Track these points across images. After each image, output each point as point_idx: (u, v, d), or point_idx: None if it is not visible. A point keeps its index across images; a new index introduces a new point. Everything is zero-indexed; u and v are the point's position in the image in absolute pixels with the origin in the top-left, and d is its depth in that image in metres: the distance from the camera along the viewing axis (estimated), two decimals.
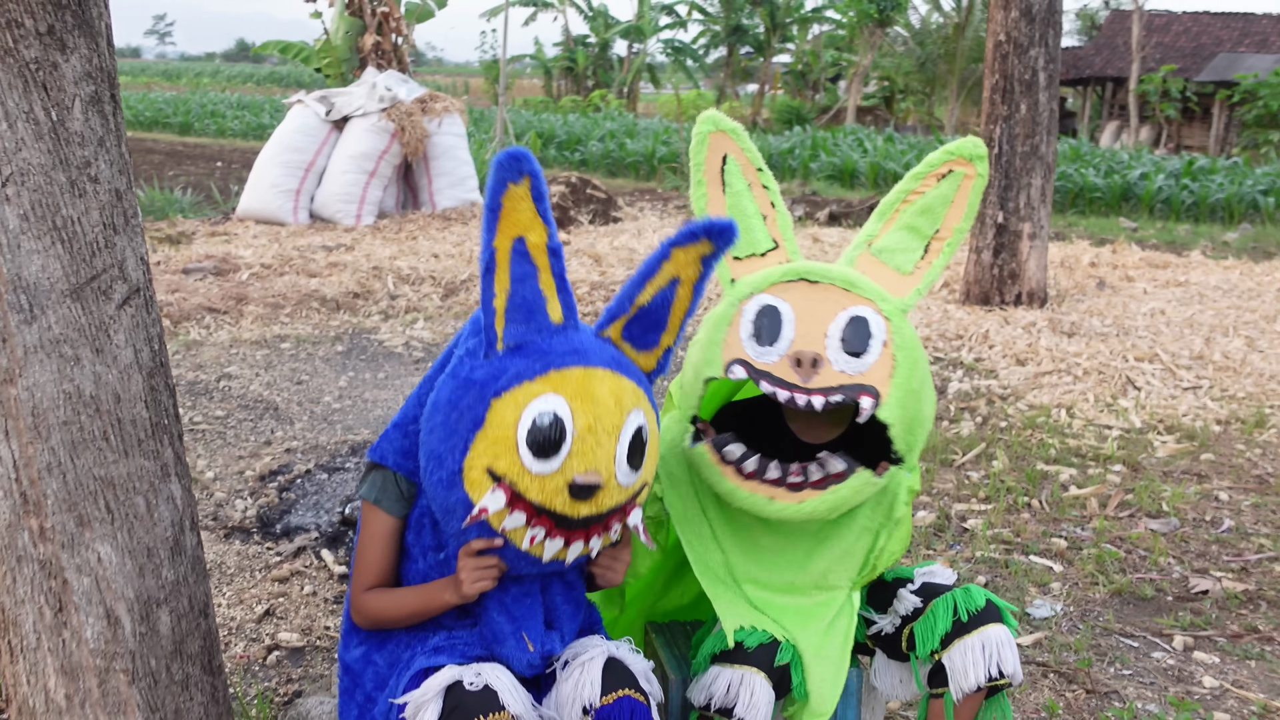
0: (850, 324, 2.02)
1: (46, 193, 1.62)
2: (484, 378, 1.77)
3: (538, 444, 1.71)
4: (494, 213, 1.71)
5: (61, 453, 1.69)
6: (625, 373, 1.81)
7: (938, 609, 2.15)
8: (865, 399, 1.97)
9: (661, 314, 1.86)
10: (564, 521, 1.76)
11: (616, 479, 1.76)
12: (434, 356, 6.11)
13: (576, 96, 29.89)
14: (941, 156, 2.19)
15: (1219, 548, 3.88)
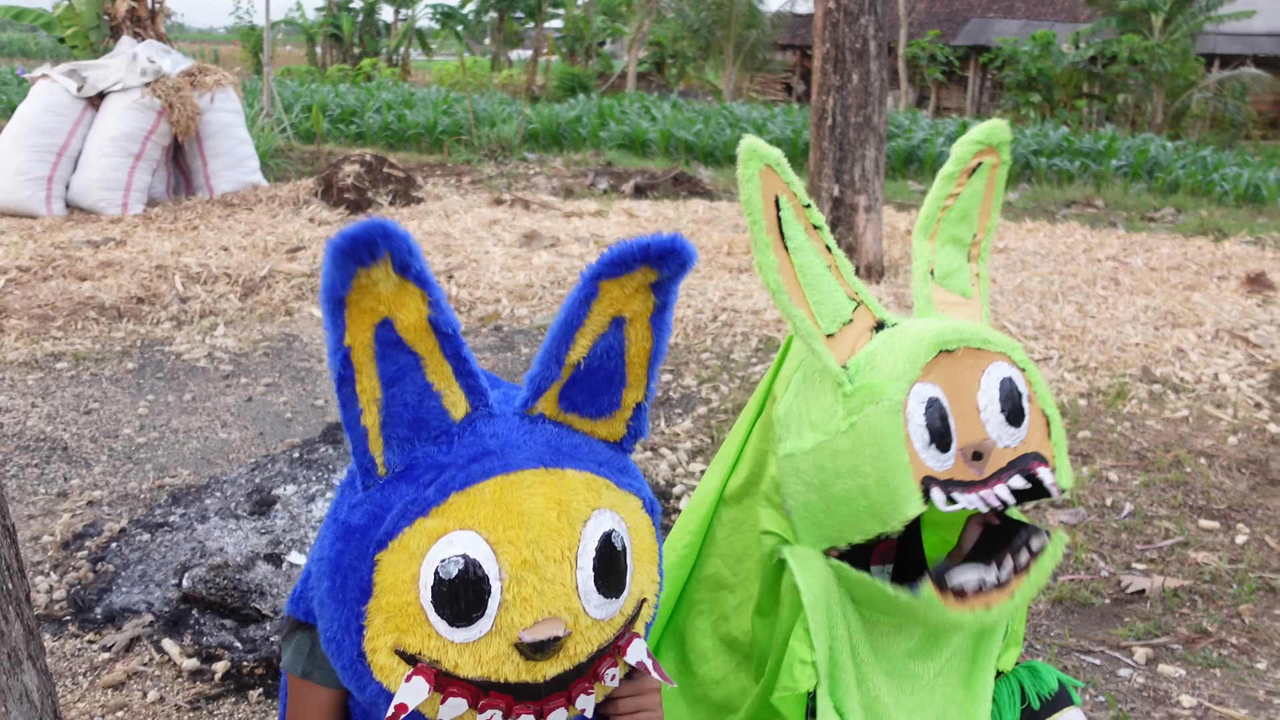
0: (1000, 387, 1.61)
1: None
2: (363, 521, 1.26)
3: (450, 605, 1.21)
4: (336, 303, 1.16)
5: None
6: (569, 462, 1.30)
7: (1001, 696, 1.82)
8: (1041, 469, 1.59)
9: (611, 367, 1.34)
10: (526, 691, 1.25)
11: (587, 616, 1.26)
12: (243, 369, 5.37)
13: (345, 65, 28.38)
14: (969, 150, 1.84)
15: (1128, 536, 3.77)
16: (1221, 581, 3.43)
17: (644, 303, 1.31)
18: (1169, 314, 6.70)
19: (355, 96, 20.39)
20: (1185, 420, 4.95)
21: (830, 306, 1.67)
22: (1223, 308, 6.93)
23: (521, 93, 26.76)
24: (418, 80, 29.92)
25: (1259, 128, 24.24)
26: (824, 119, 6.85)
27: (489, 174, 13.06)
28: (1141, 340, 6.09)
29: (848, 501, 1.56)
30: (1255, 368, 5.78)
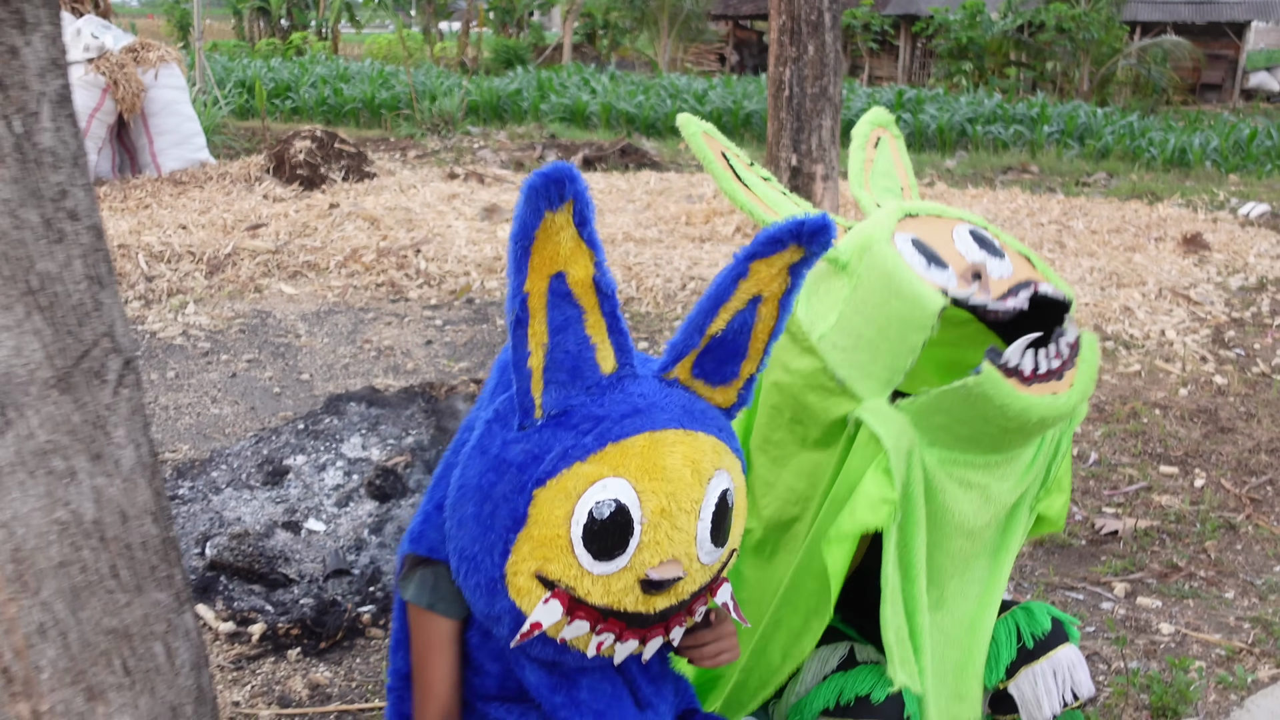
0: (971, 234, 1.81)
1: (14, 240, 1.11)
2: (521, 459, 1.38)
3: (599, 542, 1.35)
4: (524, 249, 1.30)
5: (58, 606, 1.19)
6: (701, 427, 1.44)
7: (999, 634, 1.98)
8: (1043, 285, 1.75)
9: (740, 341, 1.48)
10: (637, 620, 1.41)
11: (699, 560, 1.42)
12: (221, 346, 5.41)
13: (274, 39, 27.87)
14: (867, 129, 2.15)
15: (1095, 483, 4.00)
16: (1186, 521, 3.68)
17: (781, 284, 1.44)
18: (1113, 274, 6.99)
19: (289, 71, 20.09)
20: (1138, 375, 5.21)
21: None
22: (1163, 268, 7.24)
23: (453, 65, 26.51)
24: (348, 54, 29.48)
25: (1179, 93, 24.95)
26: (781, 90, 7.01)
27: (434, 148, 13.03)
28: (1090, 300, 6.36)
29: (884, 333, 1.70)
30: (1198, 323, 6.08)
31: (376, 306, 6.15)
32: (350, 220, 7.73)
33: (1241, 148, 13.99)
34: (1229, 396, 4.96)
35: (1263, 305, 6.53)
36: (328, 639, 2.89)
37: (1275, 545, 3.52)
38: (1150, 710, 2.59)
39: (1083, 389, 1.72)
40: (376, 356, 5.31)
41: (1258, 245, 8.11)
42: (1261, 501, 3.87)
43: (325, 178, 9.47)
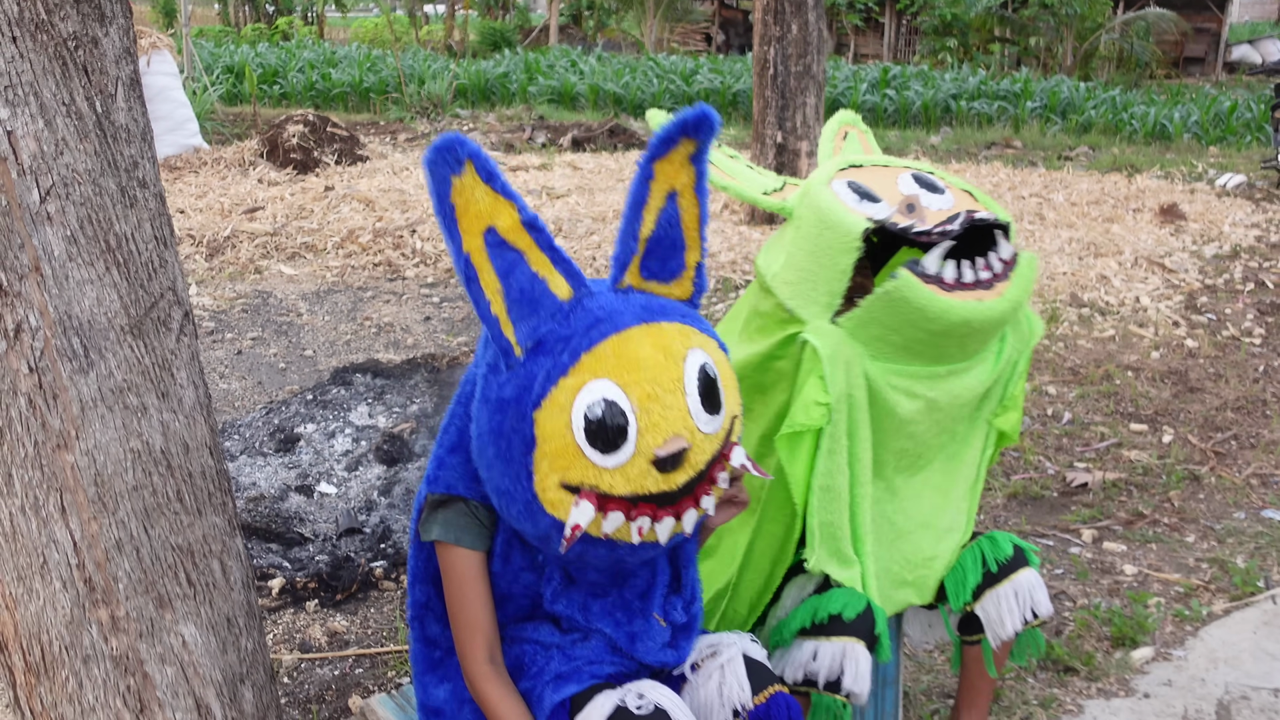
0: (915, 177, 2.00)
1: (96, 206, 1.28)
2: (515, 393, 1.55)
3: (602, 438, 1.51)
4: (448, 216, 1.47)
5: (133, 525, 1.37)
6: (661, 317, 1.60)
7: (966, 561, 2.15)
8: (980, 212, 1.92)
9: (675, 235, 1.64)
10: (665, 499, 1.57)
11: (700, 430, 1.57)
12: (225, 325, 5.57)
13: (260, 25, 27.85)
14: (835, 127, 2.31)
15: (1069, 440, 4.19)
16: (1152, 474, 3.88)
17: (688, 175, 1.61)
18: (1091, 245, 7.18)
19: (276, 56, 20.14)
20: (1112, 339, 5.41)
21: (757, 184, 2.11)
22: (1140, 237, 7.44)
23: (442, 49, 26.56)
24: (335, 38, 29.48)
25: (1163, 67, 25.12)
26: (766, 69, 7.17)
27: (423, 131, 13.16)
28: (1068, 269, 6.56)
29: (820, 262, 1.91)
30: (1172, 290, 6.28)
31: (375, 285, 6.31)
32: (345, 202, 7.88)
33: (1222, 120, 14.17)
34: (1199, 359, 5.16)
35: (1235, 272, 6.72)
36: (343, 591, 3.07)
37: (1236, 494, 3.73)
38: (1111, 640, 2.80)
39: (1013, 299, 1.88)
40: (377, 333, 5.48)
41: (1232, 215, 8.31)
42: (1225, 455, 4.07)
43: (318, 161, 9.61)
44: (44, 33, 1.21)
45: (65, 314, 1.27)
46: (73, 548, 1.34)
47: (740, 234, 7.28)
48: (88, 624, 1.37)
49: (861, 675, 1.93)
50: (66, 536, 1.34)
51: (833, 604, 1.97)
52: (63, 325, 1.27)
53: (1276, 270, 6.80)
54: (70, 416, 1.30)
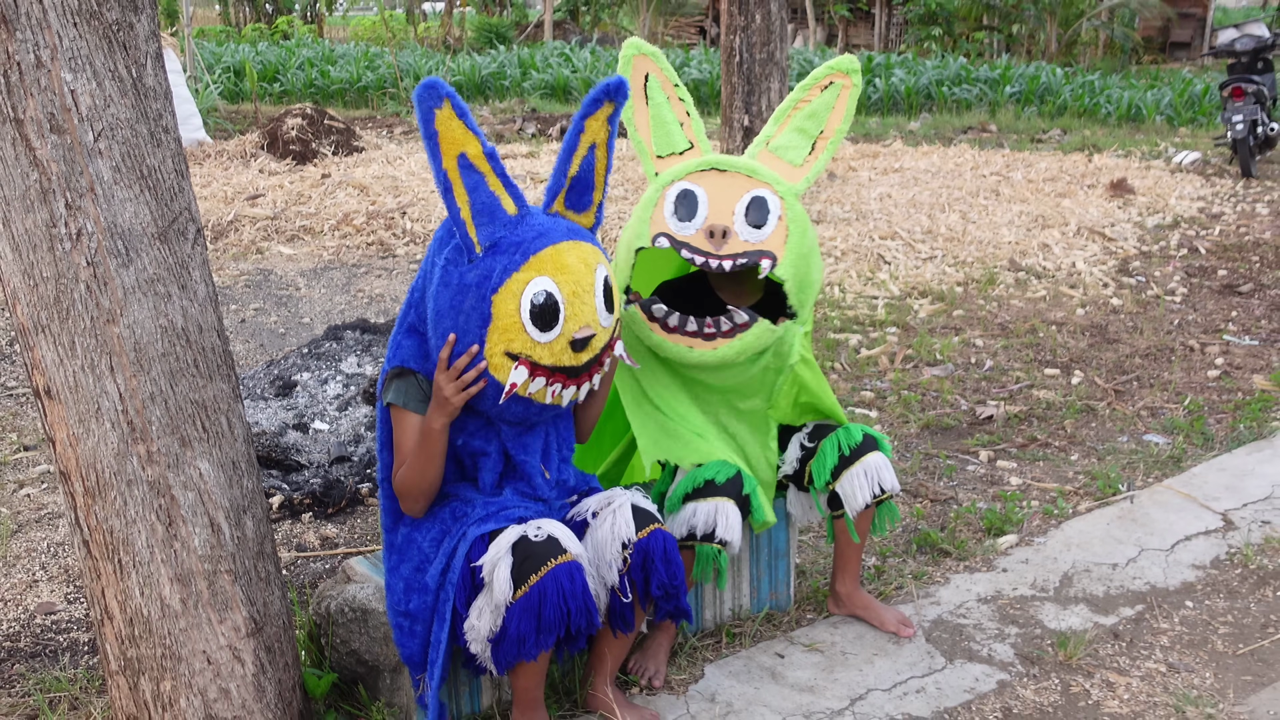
0: (752, 203, 2.47)
1: (133, 144, 1.77)
2: (476, 279, 2.07)
3: (541, 319, 2.06)
4: (433, 140, 2.00)
5: (162, 382, 1.86)
6: (581, 238, 2.17)
7: (825, 448, 2.63)
8: (765, 261, 2.44)
9: (590, 177, 2.22)
10: (573, 372, 2.13)
11: (601, 324, 2.14)
12: (230, 298, 6.07)
13: (260, 24, 28.35)
14: (824, 71, 2.65)
15: (988, 384, 4.68)
16: (1054, 408, 4.36)
17: (605, 132, 2.20)
18: (1040, 217, 7.66)
19: (276, 55, 20.62)
20: (1044, 299, 5.89)
21: (667, 140, 2.58)
22: (1088, 210, 7.91)
23: (438, 45, 27.04)
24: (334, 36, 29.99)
25: (1150, 52, 25.51)
26: (732, 56, 7.65)
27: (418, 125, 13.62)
28: (1013, 239, 7.04)
29: (624, 242, 2.54)
30: (1108, 256, 6.76)
31: (368, 263, 6.81)
32: (341, 189, 8.38)
33: (1195, 102, 14.60)
34: (1121, 315, 5.63)
35: (1172, 240, 7.20)
36: (334, 506, 3.57)
37: (1125, 423, 4.21)
38: (984, 531, 3.28)
39: (724, 355, 2.44)
40: (369, 303, 5.98)
41: (1181, 189, 8.77)
42: (1125, 392, 4.55)
43: (316, 152, 10.10)
44: (96, 19, 1.70)
45: (112, 223, 1.77)
46: (119, 397, 1.83)
47: None
48: (130, 456, 1.86)
49: (731, 526, 2.42)
50: (114, 389, 1.83)
51: (707, 472, 2.46)
52: (110, 231, 1.77)
53: (1211, 238, 7.28)
54: (116, 299, 1.79)
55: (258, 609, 2.06)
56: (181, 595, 1.95)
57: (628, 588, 2.20)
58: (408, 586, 2.25)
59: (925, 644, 2.69)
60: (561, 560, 2.09)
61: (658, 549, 2.20)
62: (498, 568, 2.09)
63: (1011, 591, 2.94)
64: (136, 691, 2.02)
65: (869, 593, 2.91)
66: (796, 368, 2.56)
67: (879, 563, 3.11)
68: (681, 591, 2.24)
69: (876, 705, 2.45)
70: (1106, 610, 2.85)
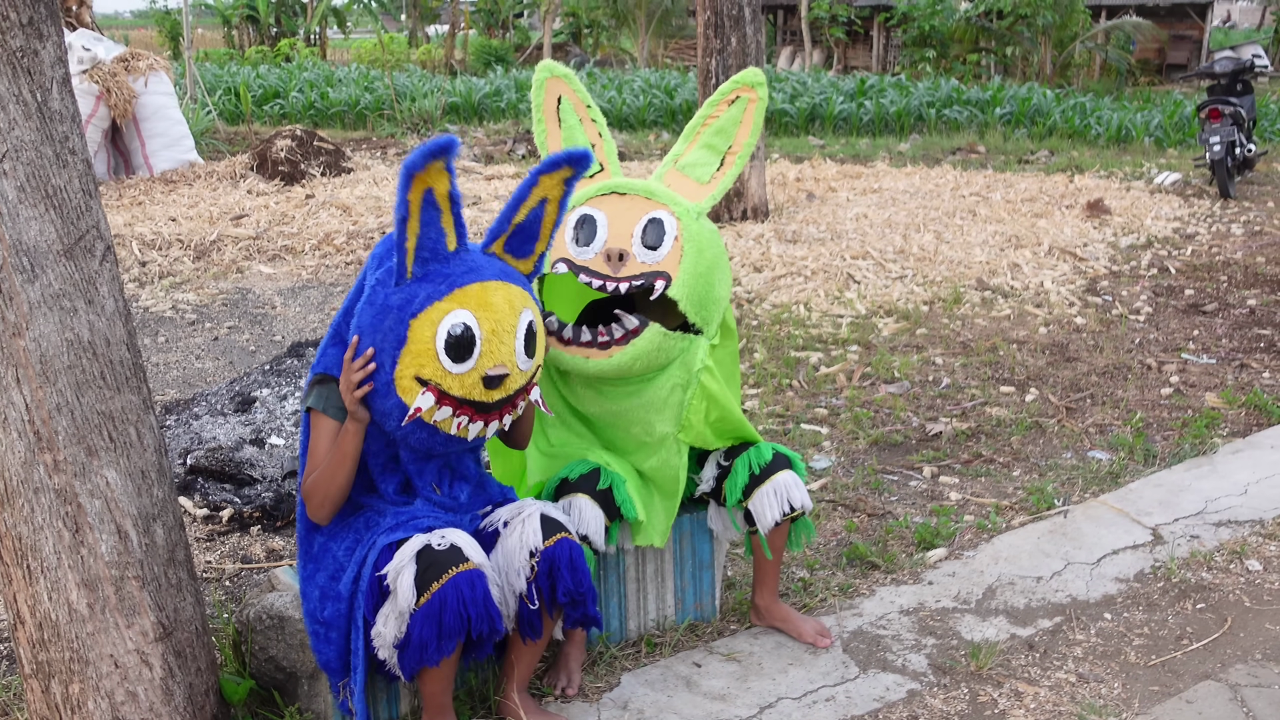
0: (649, 225, 2.52)
1: (37, 165, 1.85)
2: (399, 303, 2.15)
3: (455, 351, 2.11)
4: (410, 174, 2.05)
5: (69, 393, 1.94)
6: (512, 280, 2.23)
7: (737, 467, 2.69)
8: (659, 281, 2.50)
9: (534, 228, 2.30)
10: (482, 408, 2.19)
11: (518, 367, 2.19)
12: (206, 317, 6.16)
13: (263, 47, 28.61)
14: (730, 86, 2.71)
15: (942, 401, 4.74)
16: (1004, 425, 4.42)
17: (559, 190, 2.28)
18: (1014, 237, 7.73)
19: (277, 77, 20.81)
20: (1008, 318, 5.95)
21: None
22: (1063, 230, 7.98)
23: (440, 68, 27.26)
24: (336, 59, 30.25)
25: (1147, 74, 25.64)
26: (709, 78, 7.75)
27: (412, 146, 13.76)
28: (984, 259, 7.10)
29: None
30: (1077, 276, 6.82)
31: (345, 281, 6.89)
32: (325, 209, 8.48)
33: (1185, 124, 14.68)
34: (1083, 334, 5.69)
35: (1143, 260, 7.26)
36: (282, 520, 3.63)
37: (1072, 439, 4.26)
38: (915, 545, 3.34)
39: (618, 363, 2.48)
40: None
41: (1158, 209, 8.84)
42: (1076, 410, 4.61)
43: (305, 173, 10.22)
44: (1, 48, 1.78)
45: (17, 241, 1.84)
46: (25, 408, 1.90)
47: None
48: (36, 465, 1.93)
49: (585, 520, 2.50)
50: (20, 399, 1.90)
51: (563, 472, 2.56)
52: (15, 248, 1.84)
53: (1183, 258, 7.34)
54: (22, 313, 1.87)
55: (167, 614, 2.13)
56: (89, 600, 2.01)
57: (535, 595, 2.26)
58: (323, 594, 2.31)
59: (841, 654, 2.74)
60: (463, 568, 2.15)
61: (564, 557, 2.27)
62: (401, 575, 2.16)
63: (934, 604, 2.99)
64: (48, 694, 2.08)
65: (794, 605, 2.97)
66: (701, 376, 2.58)
67: (807, 575, 3.16)
68: (588, 599, 2.30)
69: (785, 713, 2.50)
70: (1025, 622, 2.90)
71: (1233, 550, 3.27)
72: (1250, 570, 3.17)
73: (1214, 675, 2.66)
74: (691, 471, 2.82)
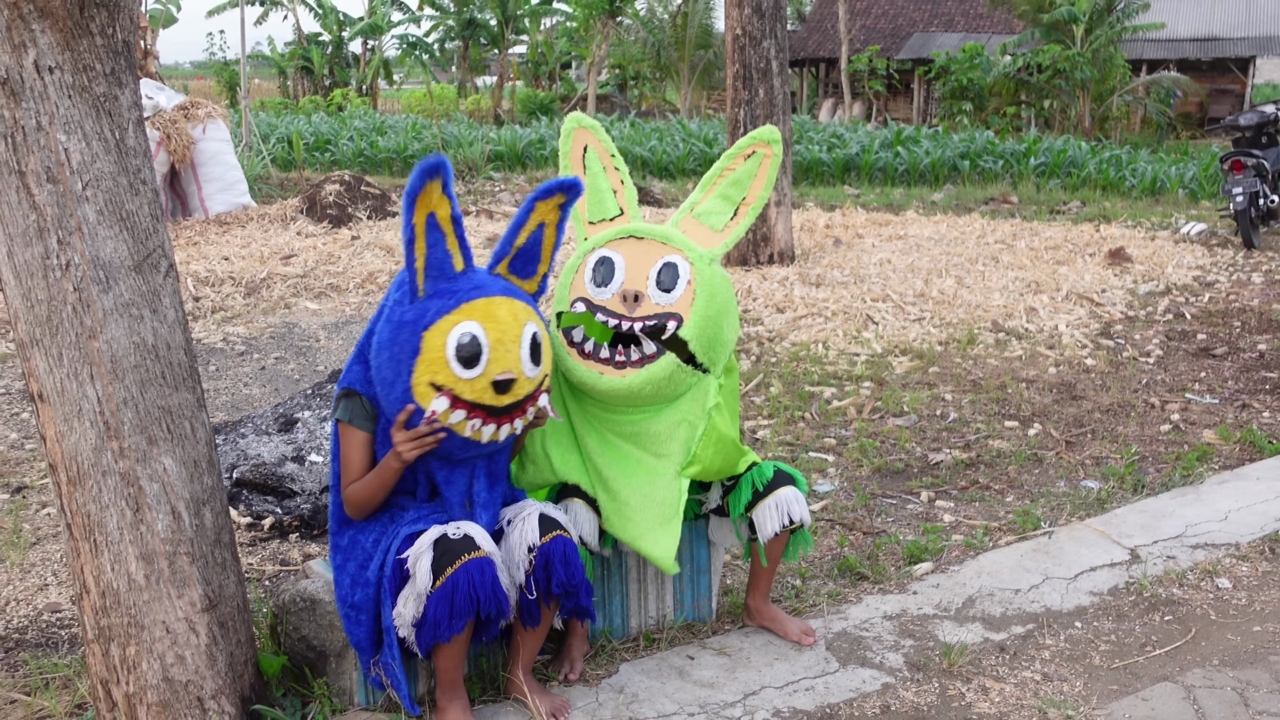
0: (664, 268, 2.74)
1: (114, 193, 2.17)
2: (413, 318, 2.43)
3: (464, 358, 2.38)
4: (413, 199, 2.35)
5: (134, 389, 2.24)
6: (516, 296, 2.51)
7: (741, 485, 2.93)
8: (671, 322, 2.71)
9: (535, 251, 2.60)
10: (493, 411, 2.44)
11: (525, 374, 2.45)
12: (254, 348, 6.51)
13: (317, 96, 29.51)
14: (747, 141, 2.94)
15: (948, 433, 4.95)
16: (1004, 456, 4.63)
17: (555, 216, 2.58)
18: (1034, 283, 7.93)
19: (329, 126, 21.50)
20: (1019, 358, 6.16)
21: (600, 207, 2.91)
22: (1083, 277, 8.17)
23: (487, 117, 27.98)
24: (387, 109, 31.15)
25: (1189, 128, 25.74)
26: (737, 128, 8.07)
27: (457, 192, 14.21)
28: (1002, 303, 7.32)
29: (555, 298, 2.82)
30: (1092, 320, 7.01)
31: None
32: (369, 249, 8.87)
33: (1219, 176, 14.80)
34: (1092, 374, 5.89)
35: (1160, 306, 7.44)
36: (319, 529, 3.93)
37: (1068, 470, 4.46)
38: (904, 559, 3.56)
39: (630, 384, 2.69)
40: None
41: (1180, 258, 9.01)
42: (1075, 444, 4.81)
43: (352, 216, 10.66)
44: (86, 93, 2.11)
45: (95, 256, 2.16)
46: (97, 401, 2.21)
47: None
48: (105, 451, 2.24)
49: (579, 521, 2.74)
50: (94, 394, 2.21)
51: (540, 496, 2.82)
52: (94, 263, 2.16)
53: (1199, 305, 7.51)
54: (97, 319, 2.18)
55: (213, 588, 2.41)
56: (146, 572, 2.30)
57: (532, 586, 2.52)
58: (353, 581, 2.59)
59: (824, 651, 2.97)
60: (475, 555, 2.42)
61: (558, 553, 2.53)
62: (420, 560, 2.43)
63: (916, 610, 3.21)
64: (108, 656, 2.37)
65: (786, 608, 3.20)
66: (713, 414, 2.79)
67: (800, 584, 3.39)
68: (580, 591, 2.54)
69: (766, 700, 2.73)
70: (999, 628, 3.11)
71: (1205, 570, 3.46)
72: (1220, 588, 3.36)
73: (1171, 678, 2.86)
74: (696, 493, 3.06)
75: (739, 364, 5.98)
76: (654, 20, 29.65)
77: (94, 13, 2.10)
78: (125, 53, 2.17)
